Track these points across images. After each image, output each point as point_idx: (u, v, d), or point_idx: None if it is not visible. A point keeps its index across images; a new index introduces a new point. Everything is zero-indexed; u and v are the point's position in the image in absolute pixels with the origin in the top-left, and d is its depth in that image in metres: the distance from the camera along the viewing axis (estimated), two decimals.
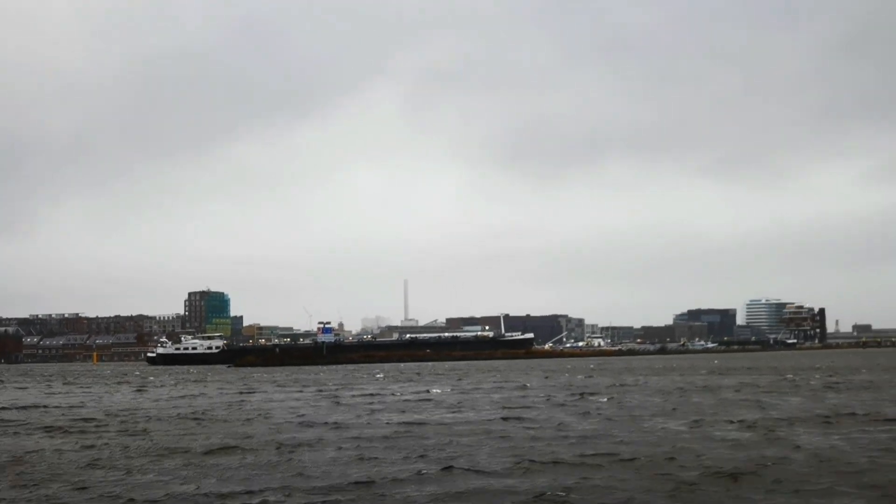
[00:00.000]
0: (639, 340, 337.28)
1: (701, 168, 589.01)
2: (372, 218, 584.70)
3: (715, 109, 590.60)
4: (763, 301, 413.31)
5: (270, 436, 28.69)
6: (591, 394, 49.40)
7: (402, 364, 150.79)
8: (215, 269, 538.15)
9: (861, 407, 36.37)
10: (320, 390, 59.89)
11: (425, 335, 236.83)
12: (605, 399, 44.50)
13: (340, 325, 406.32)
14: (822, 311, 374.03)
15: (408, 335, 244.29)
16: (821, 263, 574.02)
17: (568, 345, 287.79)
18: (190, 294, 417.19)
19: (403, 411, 38.59)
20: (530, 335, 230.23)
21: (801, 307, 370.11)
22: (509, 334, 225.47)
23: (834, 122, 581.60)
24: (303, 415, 37.50)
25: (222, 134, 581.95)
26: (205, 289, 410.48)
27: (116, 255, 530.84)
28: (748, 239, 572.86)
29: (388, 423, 32.34)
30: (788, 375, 72.72)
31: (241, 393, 58.39)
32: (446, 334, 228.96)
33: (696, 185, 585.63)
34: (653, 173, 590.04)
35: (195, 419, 36.36)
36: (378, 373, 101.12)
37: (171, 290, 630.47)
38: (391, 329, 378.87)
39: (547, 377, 77.68)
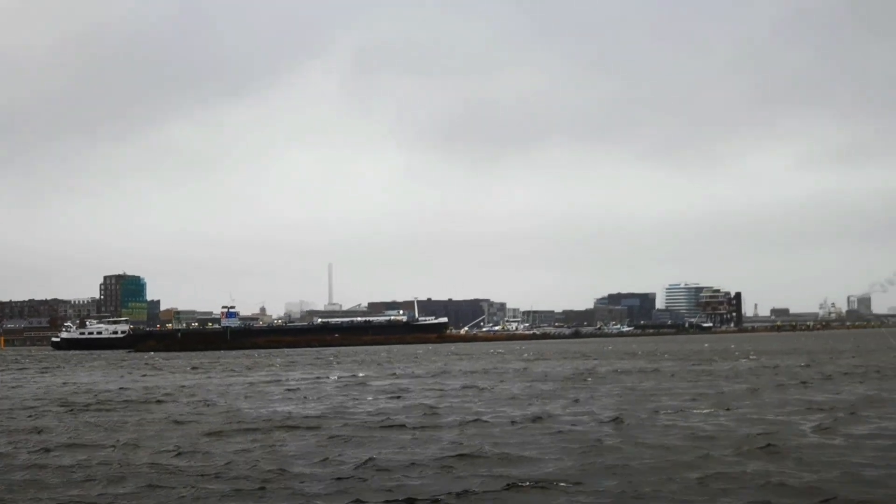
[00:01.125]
0: (556, 324, 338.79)
1: (639, 153, 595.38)
2: (302, 201, 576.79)
3: (656, 93, 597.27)
4: (682, 285, 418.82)
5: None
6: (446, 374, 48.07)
7: (310, 349, 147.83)
8: (138, 253, 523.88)
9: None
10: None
11: (338, 320, 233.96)
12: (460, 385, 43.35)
13: (262, 309, 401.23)
14: (738, 295, 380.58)
15: (319, 320, 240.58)
16: (746, 248, 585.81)
17: (485, 329, 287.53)
18: (105, 278, 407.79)
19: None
20: (444, 319, 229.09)
21: (718, 291, 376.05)
22: (423, 318, 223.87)
23: (770, 107, 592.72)
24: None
25: (153, 113, 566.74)
26: (121, 272, 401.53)
27: (36, 237, 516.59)
28: (678, 224, 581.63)
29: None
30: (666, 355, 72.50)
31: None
32: (359, 319, 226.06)
33: (632, 170, 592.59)
34: (590, 158, 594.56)
35: None
36: (277, 359, 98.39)
37: (88, 274, 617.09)
38: (312, 314, 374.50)
39: (436, 364, 76.29)
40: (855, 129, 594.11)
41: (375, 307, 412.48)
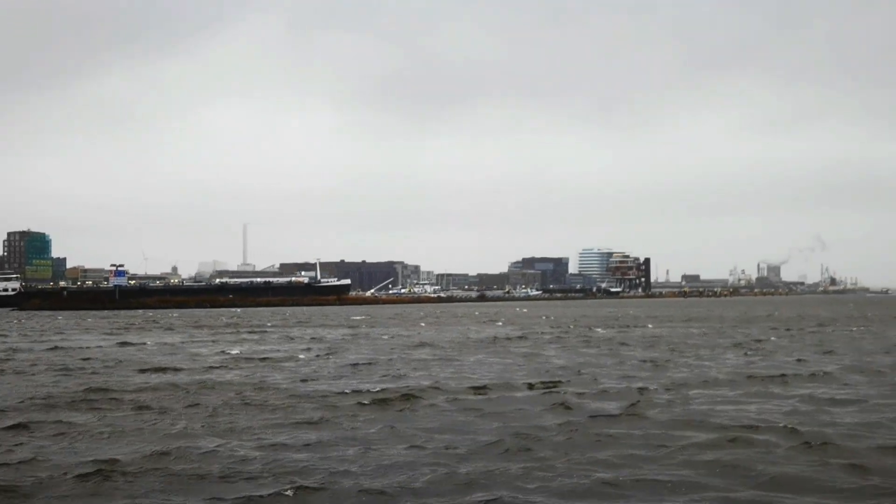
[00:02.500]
0: (466, 287, 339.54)
1: (573, 114, 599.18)
2: (228, 159, 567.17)
3: (596, 55, 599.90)
4: (595, 250, 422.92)
5: None
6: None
7: (197, 310, 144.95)
8: (52, 210, 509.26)
9: None
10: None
11: (237, 280, 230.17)
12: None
13: (174, 269, 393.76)
14: (647, 260, 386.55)
15: (219, 280, 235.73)
16: (665, 215, 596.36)
17: (392, 291, 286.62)
18: (9, 234, 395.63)
19: None
20: (346, 281, 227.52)
21: (628, 256, 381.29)
22: (325, 280, 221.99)
23: (710, 73, 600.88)
24: None
25: (81, 66, 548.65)
26: (25, 228, 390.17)
27: None
28: (603, 188, 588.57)
29: None
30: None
31: None
32: (258, 280, 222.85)
33: (564, 132, 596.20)
34: (524, 118, 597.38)
35: None
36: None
37: None
38: (222, 274, 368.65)
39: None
40: (795, 96, 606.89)
41: (287, 268, 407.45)
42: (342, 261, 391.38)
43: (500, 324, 76.74)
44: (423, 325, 76.22)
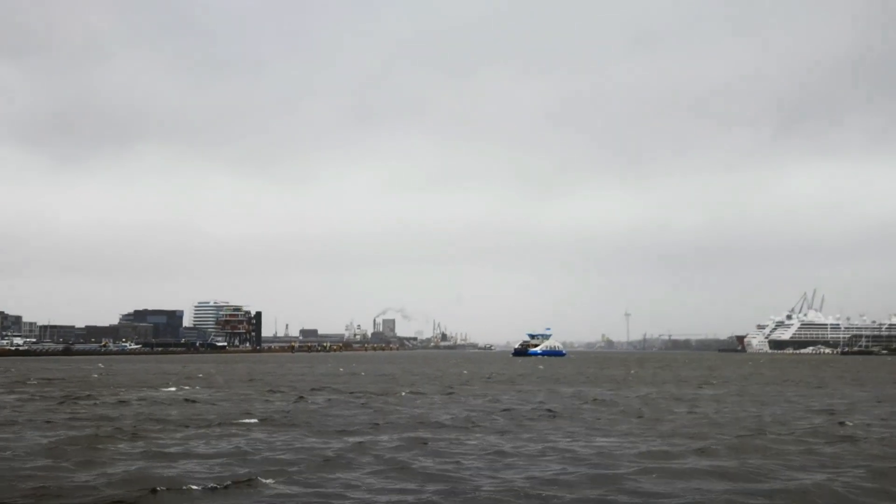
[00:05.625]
0: (70, 341, 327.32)
1: (227, 162, 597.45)
2: None
3: (266, 104, 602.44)
4: (211, 303, 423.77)
5: None
6: None
7: None
8: None
9: None
10: None
11: None
12: None
13: None
14: (258, 314, 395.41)
15: None
16: (297, 268, 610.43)
17: None
18: None
19: None
20: None
21: (239, 309, 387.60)
22: None
23: (368, 126, 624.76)
24: None
25: None
26: None
27: None
28: (245, 242, 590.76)
29: None
30: None
31: None
32: None
33: (215, 181, 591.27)
34: (182, 164, 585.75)
35: None
36: None
37: None
38: None
39: None
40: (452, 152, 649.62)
41: None
42: None
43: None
44: None
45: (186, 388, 64.45)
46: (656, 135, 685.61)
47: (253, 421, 36.96)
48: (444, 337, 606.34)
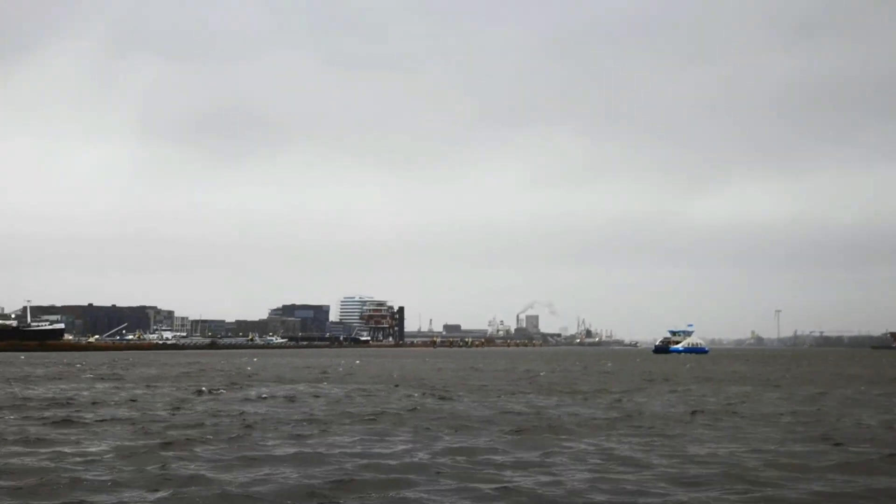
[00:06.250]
0: (217, 335, 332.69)
1: (374, 158, 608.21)
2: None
3: (413, 102, 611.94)
4: (356, 298, 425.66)
5: None
6: None
7: None
8: None
9: None
10: None
11: None
12: None
13: None
14: (401, 309, 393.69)
15: None
16: (438, 266, 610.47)
17: (130, 337, 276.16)
18: None
19: None
20: (60, 325, 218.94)
21: (382, 304, 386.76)
22: (36, 323, 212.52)
23: (505, 123, 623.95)
24: None
25: None
26: None
27: None
28: (389, 236, 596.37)
29: None
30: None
31: None
32: None
33: (362, 177, 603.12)
34: (329, 161, 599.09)
35: None
36: None
37: None
38: None
39: None
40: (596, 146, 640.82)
41: (35, 311, 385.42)
42: (90, 304, 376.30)
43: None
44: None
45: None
46: (811, 126, 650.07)
47: None
48: (588, 333, 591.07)
